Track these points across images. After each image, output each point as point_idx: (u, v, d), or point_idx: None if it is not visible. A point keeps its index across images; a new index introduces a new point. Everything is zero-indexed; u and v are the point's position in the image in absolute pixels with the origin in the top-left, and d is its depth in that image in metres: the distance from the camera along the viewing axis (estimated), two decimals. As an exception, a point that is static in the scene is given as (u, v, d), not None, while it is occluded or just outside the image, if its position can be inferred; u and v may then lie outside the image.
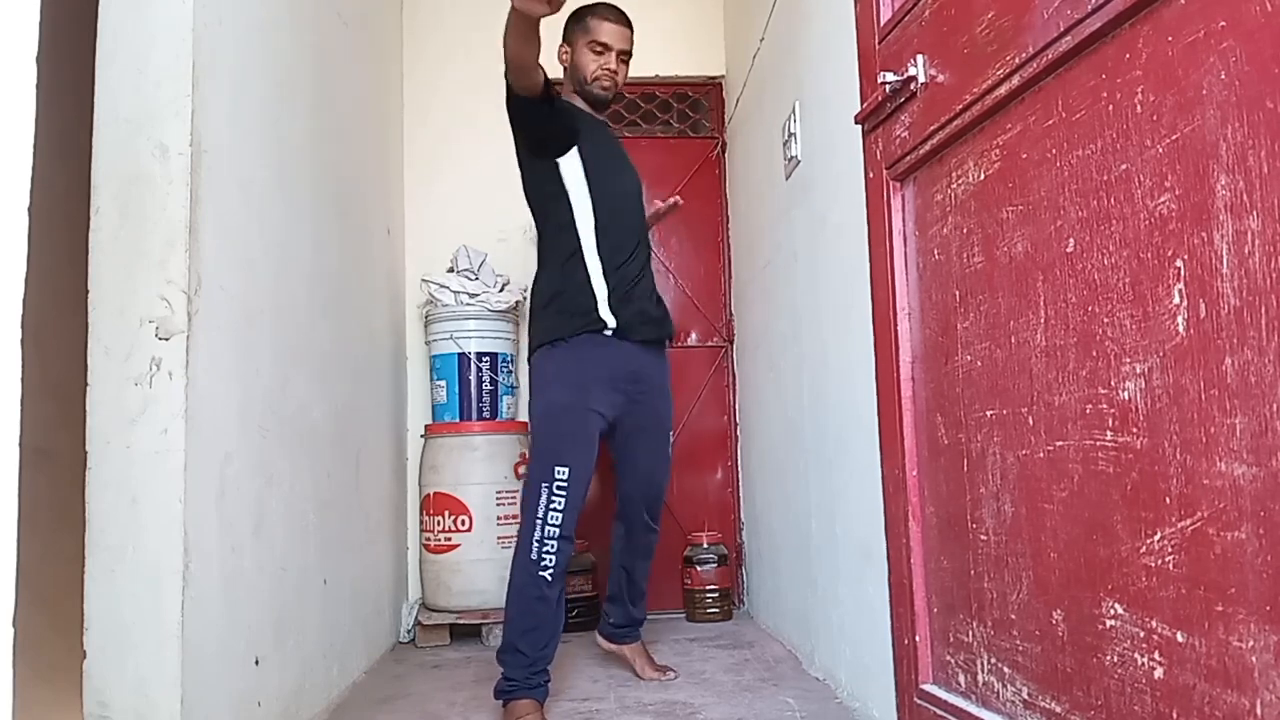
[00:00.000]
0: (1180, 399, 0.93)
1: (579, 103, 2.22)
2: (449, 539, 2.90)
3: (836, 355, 2.07)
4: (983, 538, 1.34)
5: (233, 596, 1.59)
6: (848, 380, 1.97)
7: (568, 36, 2.23)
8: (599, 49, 2.15)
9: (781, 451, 2.70)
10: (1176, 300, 0.94)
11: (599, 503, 2.87)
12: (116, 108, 1.46)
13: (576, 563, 3.02)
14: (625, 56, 2.18)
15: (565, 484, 1.99)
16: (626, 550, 2.35)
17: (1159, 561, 0.97)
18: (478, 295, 3.04)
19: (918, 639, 1.54)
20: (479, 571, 2.85)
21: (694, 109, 3.63)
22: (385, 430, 2.93)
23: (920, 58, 1.47)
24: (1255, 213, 0.83)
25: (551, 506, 1.98)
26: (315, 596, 2.07)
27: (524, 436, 3.01)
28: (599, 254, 2.08)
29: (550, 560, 1.96)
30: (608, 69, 2.15)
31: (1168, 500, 0.95)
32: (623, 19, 2.19)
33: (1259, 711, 0.84)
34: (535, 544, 1.97)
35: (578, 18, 2.20)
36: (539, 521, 1.97)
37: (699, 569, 3.11)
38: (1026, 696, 1.23)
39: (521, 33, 1.85)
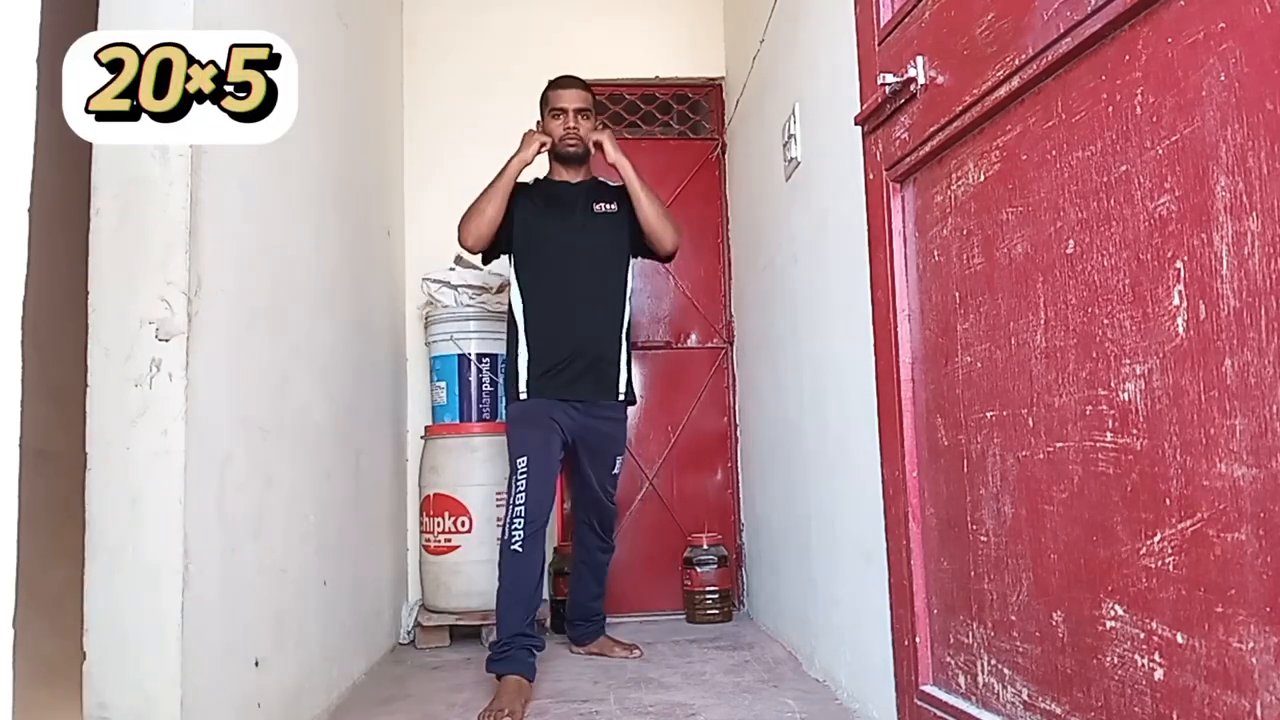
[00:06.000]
0: (1180, 400, 0.93)
1: (557, 174, 2.59)
2: (449, 540, 2.90)
3: (836, 356, 2.07)
4: (983, 539, 1.34)
5: (233, 597, 1.59)
6: (848, 381, 1.97)
7: (541, 118, 2.60)
8: (558, 114, 2.54)
9: (781, 452, 2.70)
10: (1176, 301, 0.94)
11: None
12: (117, 109, 1.46)
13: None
14: (584, 113, 2.55)
15: (526, 471, 2.30)
16: (576, 562, 2.71)
17: (1159, 563, 0.97)
18: (479, 289, 3.03)
19: (918, 640, 1.54)
20: (479, 573, 2.85)
21: (694, 110, 3.63)
22: (385, 431, 2.93)
23: (920, 59, 1.47)
24: (1255, 214, 0.83)
25: (517, 489, 2.29)
26: (315, 597, 2.07)
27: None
28: (527, 341, 2.45)
29: (519, 537, 2.25)
30: (569, 127, 2.53)
31: (1168, 501, 0.95)
32: (571, 83, 2.58)
33: (1259, 713, 0.84)
34: (508, 525, 2.28)
35: (542, 99, 2.60)
36: (510, 504, 2.30)
37: (699, 570, 3.10)
38: (1027, 698, 1.23)
39: (503, 189, 2.40)
